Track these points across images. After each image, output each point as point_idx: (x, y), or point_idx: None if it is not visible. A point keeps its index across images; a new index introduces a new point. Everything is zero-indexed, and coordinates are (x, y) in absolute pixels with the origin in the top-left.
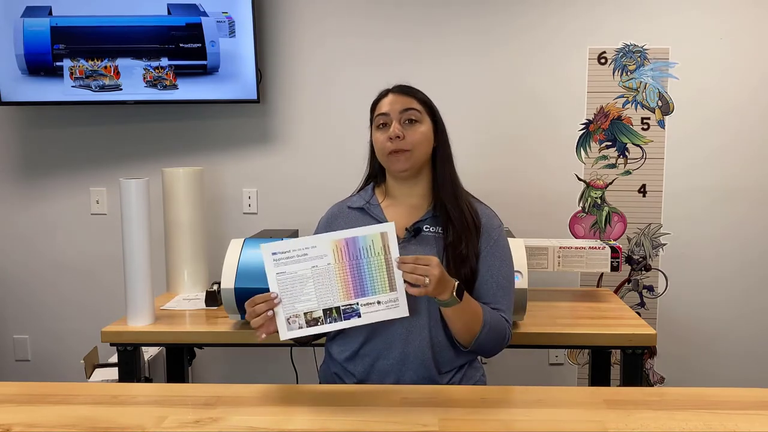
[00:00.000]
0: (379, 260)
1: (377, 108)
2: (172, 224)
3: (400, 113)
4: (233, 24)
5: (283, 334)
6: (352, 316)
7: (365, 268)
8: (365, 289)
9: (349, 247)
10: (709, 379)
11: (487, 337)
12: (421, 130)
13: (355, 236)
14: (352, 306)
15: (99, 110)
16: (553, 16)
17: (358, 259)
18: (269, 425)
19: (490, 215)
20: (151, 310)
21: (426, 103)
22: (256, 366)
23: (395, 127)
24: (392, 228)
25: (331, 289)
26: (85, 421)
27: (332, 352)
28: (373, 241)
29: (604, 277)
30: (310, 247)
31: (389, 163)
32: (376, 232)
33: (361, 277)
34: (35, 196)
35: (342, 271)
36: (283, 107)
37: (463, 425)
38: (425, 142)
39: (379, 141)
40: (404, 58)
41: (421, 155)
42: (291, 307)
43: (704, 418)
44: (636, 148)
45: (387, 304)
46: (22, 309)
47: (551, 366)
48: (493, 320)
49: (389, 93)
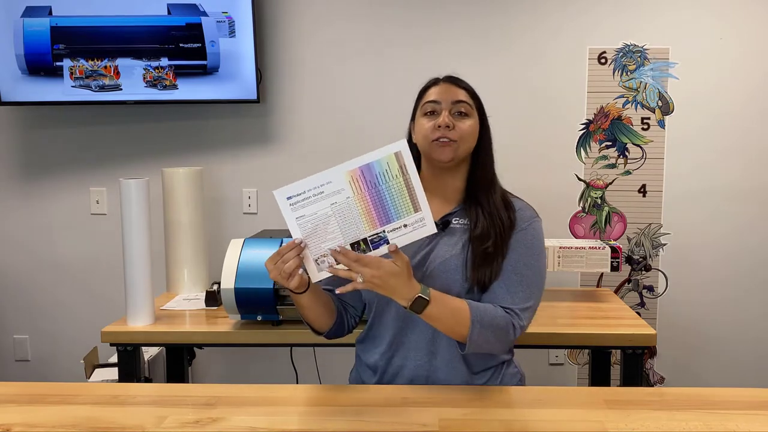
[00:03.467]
0: (398, 183)
1: (426, 95)
2: (172, 224)
3: (451, 104)
4: (233, 24)
5: (314, 276)
6: (380, 245)
7: (386, 195)
8: (389, 216)
9: (365, 175)
10: (709, 379)
11: (481, 335)
12: (470, 123)
13: (370, 162)
14: (378, 235)
15: (99, 110)
16: (553, 16)
17: (377, 186)
18: (269, 425)
19: (524, 207)
20: (151, 310)
21: (475, 97)
22: (256, 366)
23: (445, 117)
24: (405, 145)
25: (355, 222)
26: (85, 421)
27: (363, 357)
28: (388, 164)
29: (604, 277)
30: (325, 184)
31: (433, 150)
32: (389, 153)
33: (383, 204)
34: (35, 196)
35: (363, 202)
36: (283, 107)
37: (463, 425)
38: (472, 135)
39: (425, 128)
40: (404, 58)
41: (466, 148)
42: (317, 248)
43: (704, 418)
44: (636, 148)
45: (413, 226)
46: (22, 309)
47: (551, 366)
48: (485, 318)
49: (440, 81)
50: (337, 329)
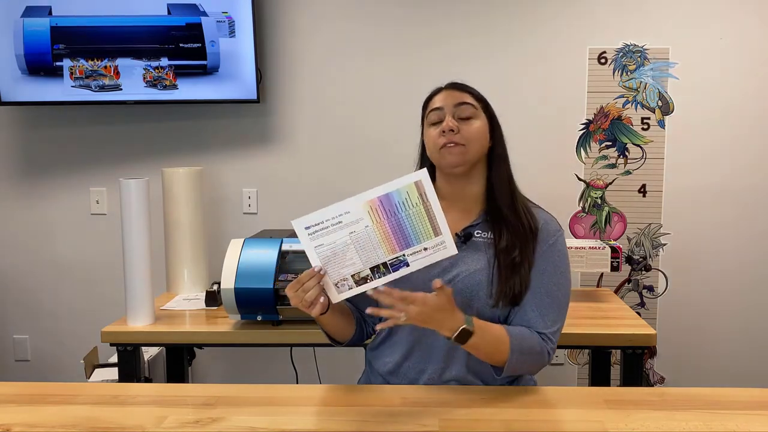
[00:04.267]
0: (418, 210)
1: (430, 104)
2: (172, 224)
3: (454, 107)
4: (233, 24)
5: (334, 297)
6: (400, 267)
7: (405, 222)
8: (409, 241)
9: (384, 204)
10: (709, 379)
11: (519, 362)
12: (476, 125)
13: (388, 192)
14: (398, 258)
15: (99, 110)
16: (553, 17)
17: (396, 214)
18: (269, 425)
19: (548, 219)
20: (151, 310)
21: (481, 99)
22: (256, 366)
23: (449, 121)
24: (425, 174)
25: (374, 248)
26: (85, 421)
27: (374, 364)
28: (408, 193)
29: (604, 277)
30: (343, 214)
31: (441, 156)
32: (410, 183)
33: (402, 230)
34: (35, 196)
35: (382, 229)
36: (283, 107)
37: (463, 425)
38: (480, 138)
39: (432, 137)
40: (404, 58)
41: (475, 152)
42: (337, 273)
43: (704, 418)
44: (636, 148)
45: (434, 249)
46: (22, 309)
47: (551, 366)
48: (523, 345)
49: (442, 90)
50: (357, 338)
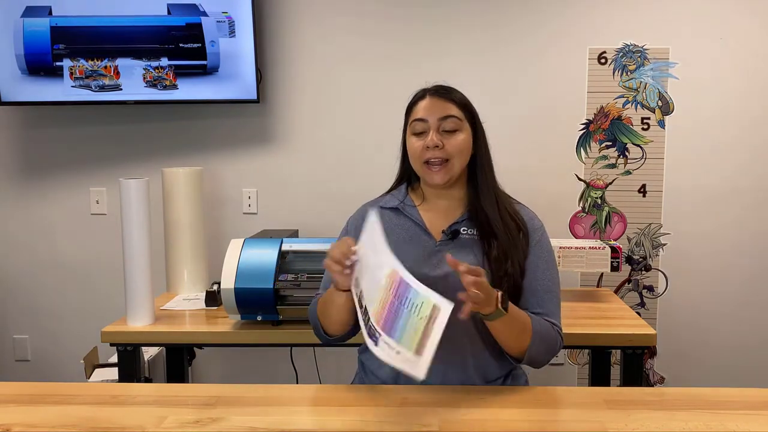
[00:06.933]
0: (418, 322)
1: (413, 112)
2: (172, 224)
3: (438, 120)
4: (233, 24)
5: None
6: (373, 338)
7: (402, 319)
8: (393, 333)
9: (399, 287)
10: (709, 380)
11: (538, 348)
12: (461, 138)
13: (409, 285)
14: (376, 330)
15: (99, 110)
16: (553, 17)
17: (401, 306)
18: (269, 425)
19: (531, 216)
20: (151, 310)
21: (466, 108)
22: (256, 366)
23: (433, 137)
24: (448, 309)
25: (372, 301)
26: (85, 421)
27: (370, 366)
28: (423, 304)
29: (604, 277)
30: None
31: (426, 174)
32: (430, 299)
33: (395, 320)
34: (35, 196)
35: (384, 298)
36: (283, 107)
37: (463, 425)
38: (464, 150)
39: (416, 148)
40: (404, 58)
41: (459, 165)
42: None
43: (704, 418)
44: (636, 148)
45: (405, 359)
46: (22, 309)
47: (551, 366)
48: (542, 329)
49: (427, 95)
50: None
